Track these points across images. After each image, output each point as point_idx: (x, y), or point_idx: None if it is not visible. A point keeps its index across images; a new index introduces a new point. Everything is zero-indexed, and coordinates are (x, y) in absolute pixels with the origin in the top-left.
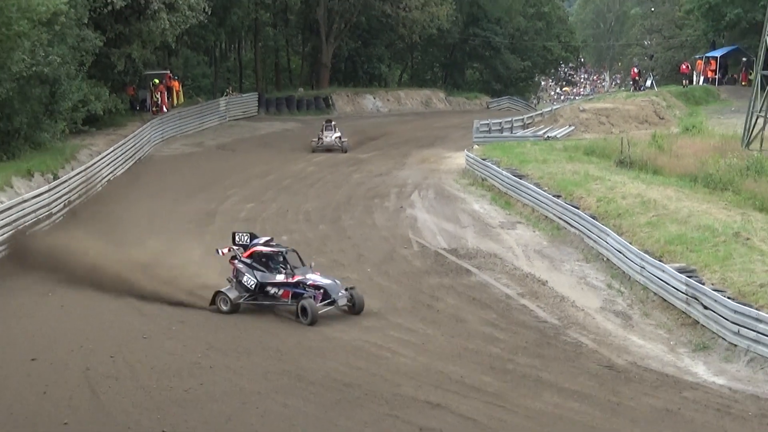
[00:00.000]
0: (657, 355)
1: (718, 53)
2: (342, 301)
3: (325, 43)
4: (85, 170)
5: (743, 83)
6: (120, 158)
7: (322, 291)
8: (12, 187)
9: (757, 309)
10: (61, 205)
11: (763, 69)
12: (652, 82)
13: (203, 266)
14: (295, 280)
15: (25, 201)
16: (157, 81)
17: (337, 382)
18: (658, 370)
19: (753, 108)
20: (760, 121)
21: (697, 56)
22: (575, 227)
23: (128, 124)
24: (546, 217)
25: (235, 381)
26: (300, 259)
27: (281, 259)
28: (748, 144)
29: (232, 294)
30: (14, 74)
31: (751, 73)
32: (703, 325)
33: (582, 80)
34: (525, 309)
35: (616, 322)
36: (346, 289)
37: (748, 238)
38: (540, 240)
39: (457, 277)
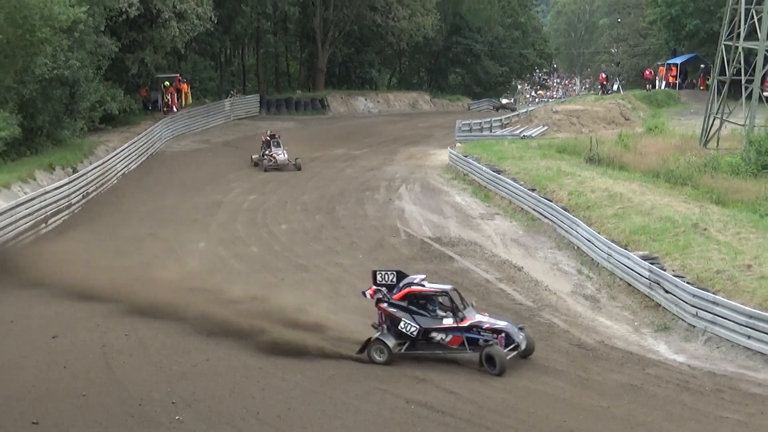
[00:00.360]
0: (622, 335)
1: (678, 60)
2: (523, 344)
3: (321, 49)
4: (101, 165)
5: (701, 88)
6: (133, 154)
7: (503, 335)
8: (35, 179)
9: (713, 293)
10: (80, 196)
11: (720, 75)
12: (618, 87)
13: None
14: (467, 324)
15: (47, 192)
16: (167, 83)
17: (331, 359)
18: (624, 349)
19: (710, 110)
20: (717, 122)
21: (660, 63)
22: (548, 218)
23: (141, 123)
24: (522, 208)
25: (239, 357)
26: (461, 298)
27: (447, 300)
28: (706, 143)
29: (390, 342)
30: (37, 77)
31: (708, 79)
32: (665, 308)
33: (555, 84)
34: (502, 292)
35: (586, 305)
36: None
37: (705, 229)
38: (516, 230)
39: (440, 263)
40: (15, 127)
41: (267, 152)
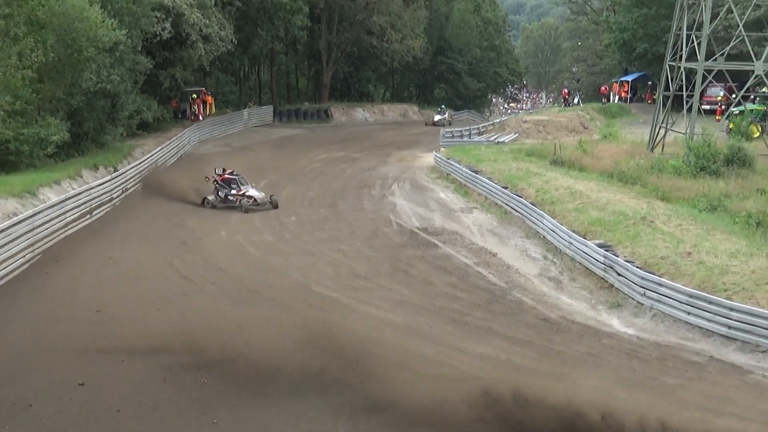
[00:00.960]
0: (581, 311)
1: (629, 78)
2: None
3: (326, 67)
4: (138, 164)
5: (649, 101)
6: (165, 156)
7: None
8: (82, 177)
9: (658, 276)
10: (120, 191)
11: (664, 91)
12: (578, 100)
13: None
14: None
15: (91, 188)
16: (194, 96)
17: (333, 331)
18: (582, 323)
19: (656, 121)
20: (662, 131)
21: (614, 80)
22: (519, 212)
23: (172, 129)
24: (496, 203)
25: (254, 329)
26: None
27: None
28: (653, 148)
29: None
30: (84, 90)
31: (655, 94)
32: (617, 288)
33: (524, 98)
34: (479, 275)
35: (550, 285)
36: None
37: (652, 221)
38: (491, 221)
39: (426, 250)
40: (65, 132)
41: (235, 192)
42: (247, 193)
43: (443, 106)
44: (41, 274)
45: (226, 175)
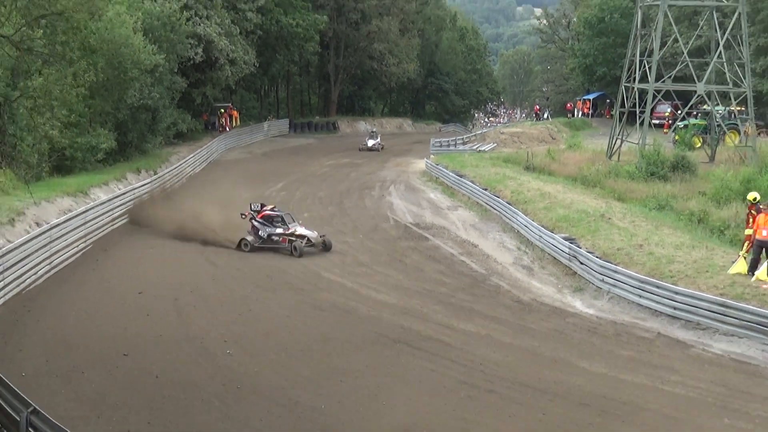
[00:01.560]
0: (549, 294)
1: (591, 96)
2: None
3: (333, 86)
4: (174, 168)
5: (607, 117)
6: (197, 161)
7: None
8: (126, 179)
9: (614, 264)
10: (159, 190)
11: (621, 107)
12: (548, 115)
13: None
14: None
15: (135, 188)
16: (222, 110)
17: (340, 309)
18: (550, 304)
19: (613, 133)
20: (618, 141)
21: (577, 98)
22: (497, 210)
23: (203, 139)
24: (477, 203)
25: (272, 308)
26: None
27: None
28: (610, 156)
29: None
30: (128, 105)
31: (612, 110)
32: (580, 275)
33: (502, 113)
34: (463, 263)
35: (523, 272)
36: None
37: (609, 218)
38: (473, 218)
39: (418, 242)
40: (112, 141)
41: (281, 232)
42: (297, 232)
43: (374, 131)
44: (92, 261)
45: (267, 212)
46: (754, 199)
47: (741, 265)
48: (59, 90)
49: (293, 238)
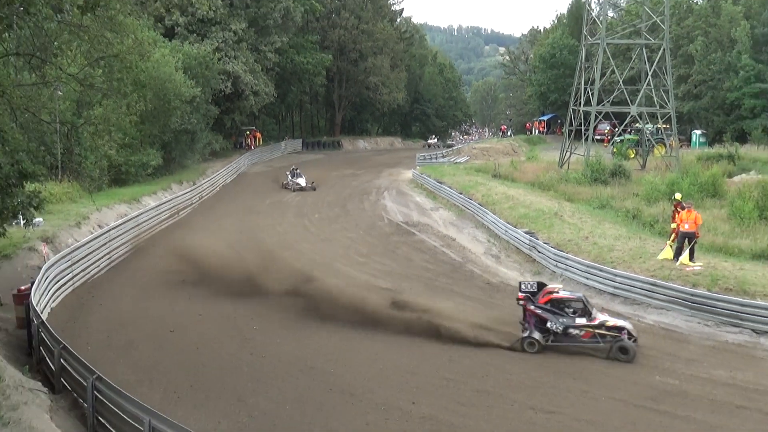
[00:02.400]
0: (514, 277)
1: (545, 117)
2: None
3: (337, 112)
4: (210, 179)
5: (558, 134)
6: (228, 173)
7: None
8: (171, 188)
9: (566, 253)
10: (197, 198)
11: (569, 126)
12: (510, 133)
13: (273, 232)
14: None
15: (178, 196)
16: (248, 132)
17: (343, 293)
18: (514, 285)
19: (564, 147)
20: (568, 154)
21: (534, 119)
22: (470, 210)
23: (232, 156)
24: (455, 204)
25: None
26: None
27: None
28: (561, 166)
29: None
30: (172, 129)
31: (562, 129)
32: (538, 261)
33: (473, 132)
34: (444, 253)
35: (492, 260)
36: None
37: (561, 216)
38: (452, 216)
39: (407, 237)
40: (159, 158)
41: (584, 322)
42: (616, 324)
43: (297, 170)
44: (144, 255)
45: (555, 294)
46: (677, 198)
47: (668, 252)
48: (116, 118)
49: (604, 332)
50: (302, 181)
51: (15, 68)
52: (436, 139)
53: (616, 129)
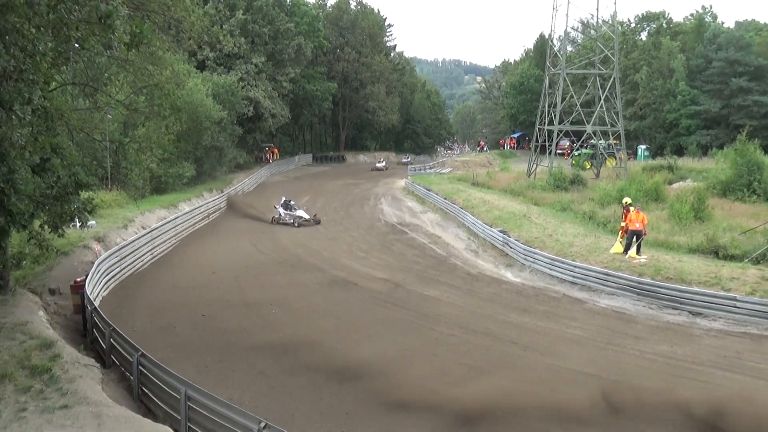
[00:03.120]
0: (489, 269)
1: (515, 135)
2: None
3: (342, 131)
4: (235, 188)
5: (527, 149)
6: (251, 182)
7: (300, 216)
8: (203, 195)
9: (533, 248)
10: (225, 202)
11: (536, 143)
12: (486, 148)
13: (287, 231)
14: (296, 213)
15: (209, 202)
16: (267, 148)
17: (348, 282)
18: (490, 275)
19: (531, 159)
20: (535, 165)
21: (507, 137)
22: (453, 212)
23: (254, 168)
24: (441, 208)
25: (303, 282)
26: (295, 205)
27: (291, 204)
28: (529, 175)
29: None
30: (203, 146)
31: (530, 144)
32: (510, 255)
33: (456, 147)
34: (432, 249)
35: (472, 254)
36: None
37: (529, 217)
38: (438, 218)
39: (401, 235)
40: (193, 170)
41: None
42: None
43: (291, 202)
44: (180, 252)
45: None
46: (626, 202)
47: (618, 247)
48: (156, 136)
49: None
50: (303, 214)
51: (72, 96)
52: (409, 158)
53: (575, 144)
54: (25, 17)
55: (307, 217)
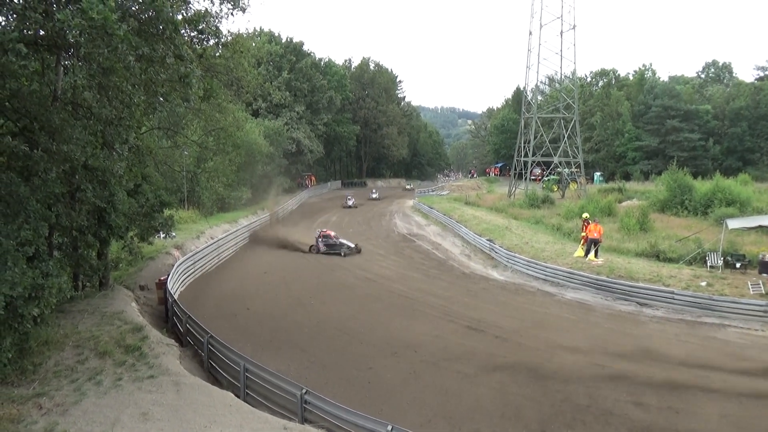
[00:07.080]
0: (479, 269)
1: (498, 165)
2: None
3: (363, 162)
4: (282, 207)
5: (508, 176)
6: (294, 203)
7: (347, 245)
8: (257, 213)
9: (513, 253)
10: (274, 219)
11: (515, 170)
12: (476, 175)
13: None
14: (339, 242)
15: (261, 218)
16: (306, 176)
17: (369, 279)
18: (480, 274)
19: (511, 184)
20: (514, 188)
21: (492, 166)
22: (450, 225)
23: (297, 192)
24: (441, 222)
25: (334, 279)
26: (336, 236)
27: (331, 237)
28: (509, 196)
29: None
30: (257, 175)
31: (510, 172)
32: (496, 258)
33: (452, 175)
34: (434, 254)
35: (465, 258)
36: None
37: (510, 229)
38: (439, 230)
39: (410, 243)
40: (249, 194)
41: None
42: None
43: (331, 236)
44: (240, 258)
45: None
46: (586, 216)
47: (580, 252)
48: (221, 168)
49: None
50: (348, 243)
51: (158, 137)
52: (410, 185)
53: (545, 172)
54: (124, 78)
55: (352, 245)
